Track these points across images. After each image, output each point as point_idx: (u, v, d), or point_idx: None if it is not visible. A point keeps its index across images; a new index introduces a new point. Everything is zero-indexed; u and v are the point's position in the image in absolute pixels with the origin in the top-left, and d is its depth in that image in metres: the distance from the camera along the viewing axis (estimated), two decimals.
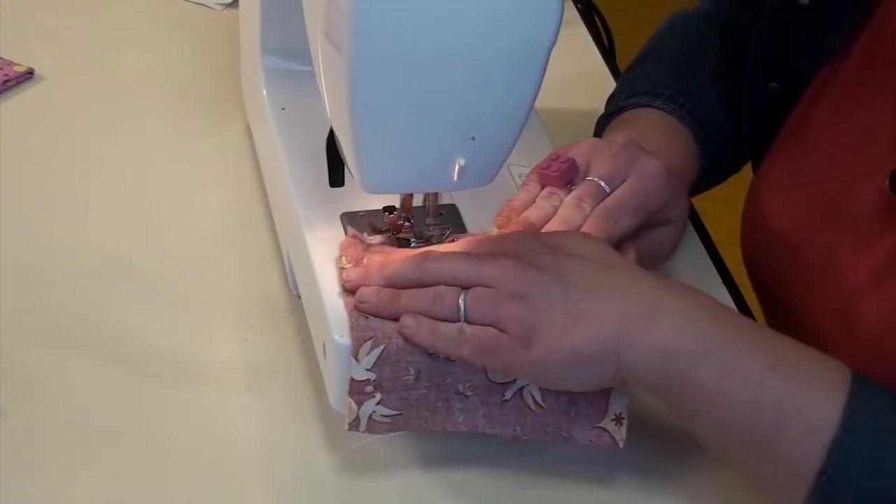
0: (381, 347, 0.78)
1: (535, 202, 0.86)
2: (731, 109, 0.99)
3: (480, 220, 0.90)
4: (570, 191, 0.86)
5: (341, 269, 0.83)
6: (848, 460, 0.70)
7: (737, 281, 1.02)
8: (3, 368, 0.87)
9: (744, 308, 0.99)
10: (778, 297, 0.94)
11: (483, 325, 0.76)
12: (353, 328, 0.78)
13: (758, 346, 0.74)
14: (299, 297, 0.91)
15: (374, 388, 0.78)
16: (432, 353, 0.78)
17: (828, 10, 0.88)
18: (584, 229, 0.83)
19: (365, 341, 0.78)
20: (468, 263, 0.78)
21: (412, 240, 0.86)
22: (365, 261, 0.83)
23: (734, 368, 0.73)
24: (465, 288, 0.77)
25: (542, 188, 0.87)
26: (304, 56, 0.85)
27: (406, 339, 0.78)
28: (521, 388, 0.80)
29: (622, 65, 1.28)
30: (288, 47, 1.00)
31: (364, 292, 0.80)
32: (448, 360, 0.78)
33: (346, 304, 0.80)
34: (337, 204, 0.90)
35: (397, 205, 0.86)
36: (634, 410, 0.83)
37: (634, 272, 0.78)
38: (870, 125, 0.85)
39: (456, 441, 0.82)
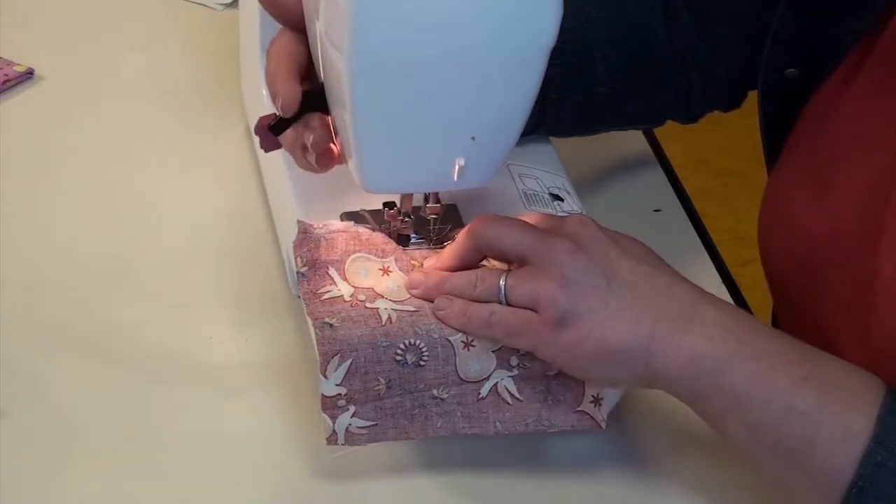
0: (349, 361, 0.78)
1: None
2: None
3: None
4: None
5: (298, 273, 0.83)
6: (879, 474, 0.70)
7: (737, 281, 1.02)
8: (3, 368, 0.87)
9: (744, 308, 0.99)
10: (797, 294, 0.92)
11: (522, 305, 0.76)
12: (319, 341, 0.78)
13: (791, 357, 0.74)
14: (299, 297, 0.91)
15: (347, 402, 0.78)
16: (400, 361, 0.78)
17: None
18: None
19: (332, 357, 0.78)
20: (522, 232, 0.78)
21: (412, 236, 0.86)
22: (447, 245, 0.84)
23: (765, 376, 0.73)
24: (510, 263, 0.78)
25: None
26: None
27: (440, 320, 0.79)
28: (496, 384, 0.80)
29: None
30: None
31: (414, 277, 0.81)
32: (417, 366, 0.79)
33: (309, 315, 0.80)
34: (337, 203, 0.90)
35: (398, 203, 0.86)
36: (636, 412, 0.84)
37: (675, 276, 0.78)
38: None
39: (459, 442, 0.82)
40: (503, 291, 0.77)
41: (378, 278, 0.82)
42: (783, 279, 0.95)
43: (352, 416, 0.78)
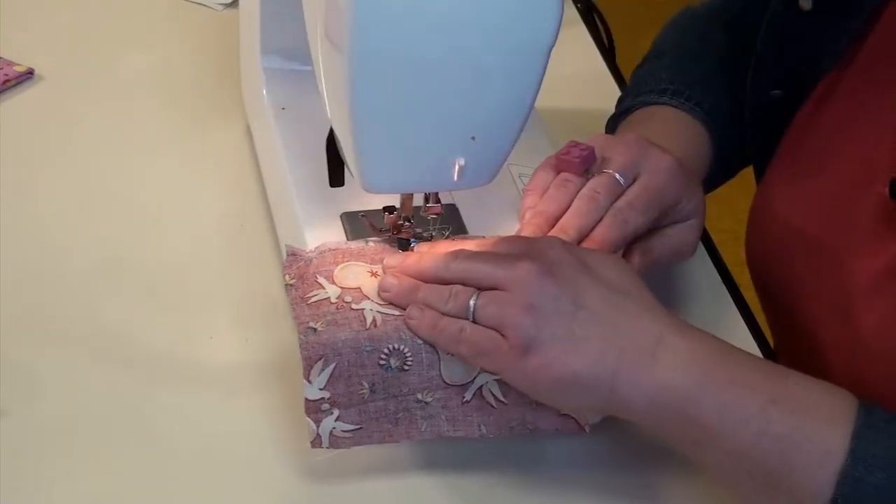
0: (333, 365, 0.78)
1: (548, 191, 0.86)
2: (736, 101, 0.99)
3: (480, 220, 0.90)
4: (585, 180, 0.86)
5: (287, 286, 0.83)
6: (858, 490, 0.70)
7: (737, 281, 1.02)
8: (3, 368, 0.87)
9: (744, 308, 0.99)
10: (780, 298, 0.94)
11: (489, 327, 0.76)
12: (303, 346, 0.78)
13: (760, 382, 0.74)
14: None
15: (331, 406, 0.78)
16: (384, 365, 0.78)
17: (830, 16, 0.88)
18: (599, 230, 0.84)
19: (316, 361, 0.77)
20: (489, 264, 0.78)
21: (412, 240, 0.86)
22: (415, 249, 0.84)
23: (735, 404, 0.73)
24: (483, 289, 0.77)
25: (557, 174, 0.87)
26: (304, 56, 0.85)
27: (410, 329, 0.78)
28: (481, 387, 0.80)
29: (622, 65, 1.28)
30: (288, 47, 1.00)
31: (387, 280, 0.81)
32: (401, 370, 0.78)
33: (295, 318, 0.80)
34: (337, 204, 0.90)
35: (397, 205, 0.86)
36: None
37: (646, 304, 0.77)
38: (874, 131, 0.85)
39: (456, 443, 0.82)
40: (472, 310, 0.77)
41: (366, 279, 0.82)
42: (768, 286, 0.96)
43: (336, 420, 0.78)
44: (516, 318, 0.75)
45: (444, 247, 0.84)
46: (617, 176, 0.86)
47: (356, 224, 0.89)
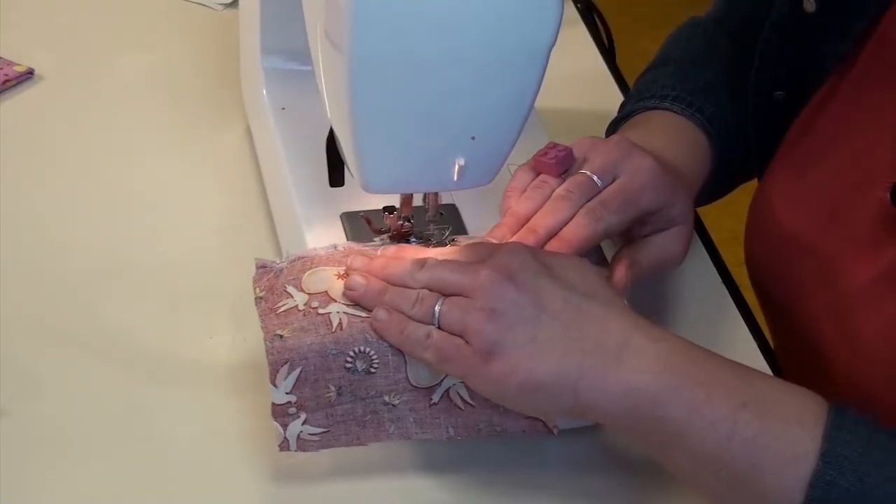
0: (299, 370, 0.78)
1: (525, 192, 0.86)
2: (740, 109, 0.98)
3: (480, 220, 0.90)
4: (563, 181, 0.86)
5: (257, 298, 0.82)
6: (829, 493, 0.70)
7: (737, 281, 1.02)
8: (3, 368, 0.87)
9: (744, 308, 0.99)
10: (778, 299, 0.94)
11: (453, 333, 0.76)
12: (269, 351, 0.78)
13: (729, 384, 0.74)
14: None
15: (297, 409, 0.78)
16: (350, 368, 0.78)
17: (834, 18, 0.88)
18: (568, 228, 0.83)
19: (281, 365, 0.77)
20: (452, 272, 0.78)
21: (412, 240, 0.86)
22: (379, 252, 0.83)
23: (704, 406, 0.72)
24: (448, 296, 0.77)
25: (536, 175, 0.87)
26: (304, 56, 0.85)
27: (377, 332, 0.78)
28: (448, 390, 0.79)
29: (622, 65, 1.28)
30: (288, 47, 1.00)
31: (354, 280, 0.80)
32: (367, 373, 0.78)
33: (263, 328, 0.80)
34: (337, 204, 0.90)
35: (397, 205, 0.86)
36: None
37: (612, 306, 0.76)
38: (873, 134, 0.85)
39: (452, 444, 0.82)
40: (437, 315, 0.77)
41: (333, 282, 0.81)
42: (766, 287, 0.96)
43: (303, 424, 0.78)
44: (478, 324, 0.74)
45: (410, 252, 0.83)
46: (594, 177, 0.85)
47: (356, 224, 0.89)
